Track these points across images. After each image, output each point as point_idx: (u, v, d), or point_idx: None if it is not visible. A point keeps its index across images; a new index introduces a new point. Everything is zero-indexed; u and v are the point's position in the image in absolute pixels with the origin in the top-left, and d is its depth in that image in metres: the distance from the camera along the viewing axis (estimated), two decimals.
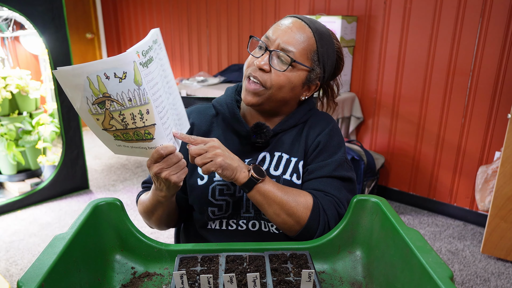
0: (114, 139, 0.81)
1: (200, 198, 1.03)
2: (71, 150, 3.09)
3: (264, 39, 1.00)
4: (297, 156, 1.04)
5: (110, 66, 0.70)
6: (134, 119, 0.76)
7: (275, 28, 1.00)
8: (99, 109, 0.75)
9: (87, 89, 0.72)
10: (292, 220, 0.93)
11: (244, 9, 3.60)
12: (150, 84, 0.75)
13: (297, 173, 1.02)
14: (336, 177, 1.00)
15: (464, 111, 2.66)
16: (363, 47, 2.98)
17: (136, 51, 0.71)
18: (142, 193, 1.10)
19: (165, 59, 0.84)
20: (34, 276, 0.64)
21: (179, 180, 0.85)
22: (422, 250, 0.69)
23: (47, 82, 3.29)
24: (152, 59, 0.76)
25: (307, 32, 0.99)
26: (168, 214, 1.04)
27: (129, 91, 0.72)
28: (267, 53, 0.98)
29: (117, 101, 0.73)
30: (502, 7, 2.39)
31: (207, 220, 1.05)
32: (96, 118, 0.76)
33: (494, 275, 2.21)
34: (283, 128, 1.05)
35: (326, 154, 1.02)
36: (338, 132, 1.07)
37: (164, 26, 4.31)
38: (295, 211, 0.93)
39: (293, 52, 0.97)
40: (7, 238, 2.56)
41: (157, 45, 0.81)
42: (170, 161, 0.83)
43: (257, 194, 0.92)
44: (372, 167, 2.78)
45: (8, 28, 3.62)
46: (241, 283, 0.76)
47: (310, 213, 0.93)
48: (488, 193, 2.43)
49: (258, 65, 0.97)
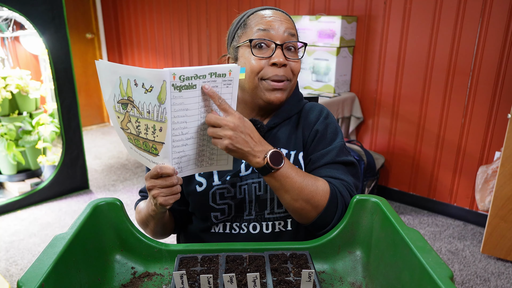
0: (127, 140, 0.85)
1: (201, 205, 1.02)
2: (71, 150, 3.09)
3: (265, 35, 0.97)
4: (296, 149, 1.03)
5: (142, 76, 0.73)
6: (147, 130, 0.79)
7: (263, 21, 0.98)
8: (122, 109, 0.80)
9: (116, 88, 0.78)
10: (310, 206, 0.90)
11: (244, 9, 3.59)
12: (175, 107, 0.75)
13: (298, 164, 1.02)
14: (339, 162, 1.00)
15: (464, 111, 2.66)
16: (363, 47, 2.98)
17: (173, 73, 0.72)
18: (139, 201, 1.10)
19: (227, 96, 0.82)
20: (34, 276, 0.64)
21: (165, 203, 0.84)
22: (422, 250, 0.69)
23: (47, 82, 3.29)
24: (193, 86, 0.76)
25: (288, 17, 1.02)
26: (162, 227, 1.03)
27: (150, 104, 0.75)
28: (279, 48, 0.97)
29: (137, 108, 0.77)
30: (502, 7, 2.39)
31: (211, 225, 1.04)
32: (117, 116, 0.82)
33: (494, 275, 2.21)
34: (276, 122, 1.04)
35: (326, 141, 1.02)
36: (332, 119, 1.07)
37: (164, 26, 4.31)
38: (314, 196, 0.90)
39: (295, 37, 1.00)
40: (7, 238, 2.56)
41: (221, 80, 0.79)
42: (164, 183, 0.82)
43: (272, 180, 0.88)
44: (372, 167, 2.78)
45: (8, 28, 3.62)
46: (241, 283, 0.76)
47: (329, 198, 0.91)
48: (488, 193, 2.43)
49: (281, 62, 0.96)
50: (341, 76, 2.96)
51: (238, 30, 1.02)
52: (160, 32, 4.38)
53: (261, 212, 1.02)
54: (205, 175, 1.03)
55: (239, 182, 1.01)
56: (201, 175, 1.03)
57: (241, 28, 1.01)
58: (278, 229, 1.03)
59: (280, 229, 1.03)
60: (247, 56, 0.98)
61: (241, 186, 1.01)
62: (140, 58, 4.75)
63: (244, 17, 1.03)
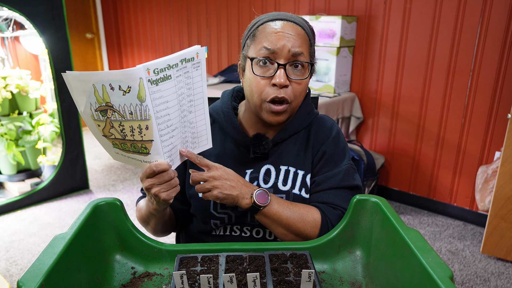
0: (112, 146, 0.82)
1: (202, 210, 1.02)
2: (71, 150, 3.09)
3: (268, 54, 0.92)
4: (305, 169, 1.01)
5: (116, 78, 0.70)
6: (133, 132, 0.76)
7: (271, 37, 0.92)
8: (101, 116, 0.76)
9: (91, 96, 0.73)
10: (300, 238, 0.95)
11: (244, 9, 3.60)
12: (156, 101, 0.75)
13: (305, 187, 1.01)
14: (344, 187, 0.99)
15: (464, 111, 2.66)
16: (363, 47, 2.98)
17: (147, 68, 0.71)
18: (141, 199, 1.10)
19: (198, 79, 0.83)
20: (34, 276, 0.64)
21: (168, 198, 0.84)
22: (422, 250, 0.69)
23: (47, 82, 3.29)
24: (168, 77, 0.76)
25: (299, 30, 0.94)
26: (162, 225, 1.04)
27: (131, 105, 0.73)
28: (281, 68, 0.91)
29: (118, 112, 0.74)
30: (502, 7, 2.39)
31: (211, 229, 1.04)
32: (97, 124, 0.78)
33: (494, 275, 2.21)
34: (283, 137, 1.02)
35: (332, 163, 1.01)
36: (341, 138, 1.05)
37: (164, 26, 4.31)
38: (303, 230, 0.93)
39: (303, 55, 0.93)
40: (7, 238, 2.56)
41: (191, 64, 0.80)
42: (162, 179, 0.82)
43: (262, 217, 0.93)
44: (372, 167, 2.78)
45: (8, 28, 3.62)
46: (241, 283, 0.76)
47: (319, 231, 0.94)
48: (488, 193, 2.43)
49: (281, 83, 0.91)
50: (341, 76, 2.96)
51: (248, 40, 0.98)
52: (160, 32, 4.38)
53: None
54: None
55: None
56: None
57: (250, 38, 0.97)
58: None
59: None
60: (251, 72, 0.95)
61: None
62: (140, 58, 4.75)
63: (255, 26, 0.97)
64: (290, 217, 0.92)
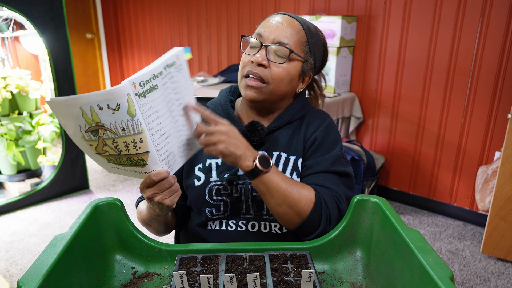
0: (107, 162, 0.80)
1: (197, 199, 1.04)
2: (71, 150, 3.09)
3: (256, 36, 1.01)
4: (296, 154, 1.04)
5: (103, 98, 0.69)
6: (128, 146, 0.75)
7: (265, 25, 1.02)
8: (92, 136, 0.75)
9: (80, 119, 0.72)
10: (293, 212, 0.93)
11: (244, 9, 3.60)
12: (146, 113, 0.74)
13: (296, 171, 1.03)
14: (333, 172, 1.01)
15: (464, 111, 2.66)
16: (363, 47, 2.98)
17: (133, 82, 0.71)
18: (141, 199, 1.11)
19: (183, 81, 0.83)
20: (34, 276, 0.64)
21: (172, 204, 0.85)
22: (422, 250, 0.69)
23: (47, 82, 3.29)
24: (155, 87, 0.76)
25: (297, 25, 1.02)
26: (165, 226, 1.06)
27: (123, 121, 0.72)
28: (263, 48, 0.99)
29: (110, 130, 0.73)
30: (502, 7, 2.39)
31: (206, 220, 1.05)
32: (89, 144, 0.77)
33: (494, 275, 2.21)
34: (277, 125, 1.06)
35: (323, 149, 1.03)
36: (334, 128, 1.08)
37: (164, 26, 4.31)
38: (298, 203, 0.92)
39: (288, 44, 0.99)
40: (7, 238, 2.56)
41: (174, 68, 0.80)
42: (162, 187, 0.82)
43: (260, 184, 0.92)
44: (372, 167, 2.78)
45: (8, 28, 3.62)
46: (241, 283, 0.76)
47: (313, 207, 0.93)
48: (488, 193, 2.43)
49: (257, 61, 0.98)
50: (341, 76, 2.96)
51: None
52: (160, 32, 4.38)
53: (259, 212, 1.03)
54: (204, 170, 1.05)
55: (236, 180, 1.03)
56: (200, 170, 1.05)
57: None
58: (274, 231, 1.04)
59: (276, 231, 1.04)
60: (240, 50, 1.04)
61: (238, 185, 1.02)
62: (140, 58, 4.75)
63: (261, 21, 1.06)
64: (287, 188, 0.92)
